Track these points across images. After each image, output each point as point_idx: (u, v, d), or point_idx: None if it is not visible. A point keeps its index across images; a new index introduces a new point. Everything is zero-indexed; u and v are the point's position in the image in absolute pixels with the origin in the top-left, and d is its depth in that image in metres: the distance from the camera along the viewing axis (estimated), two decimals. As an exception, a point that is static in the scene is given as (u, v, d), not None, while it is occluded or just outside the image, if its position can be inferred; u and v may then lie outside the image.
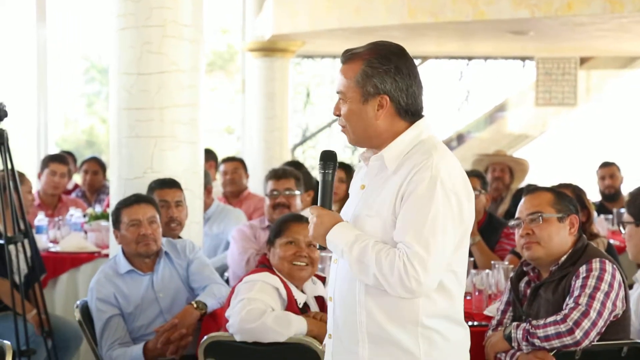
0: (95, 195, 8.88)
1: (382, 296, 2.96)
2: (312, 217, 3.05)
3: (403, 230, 2.90)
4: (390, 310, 2.97)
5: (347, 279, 3.03)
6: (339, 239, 2.98)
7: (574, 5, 8.58)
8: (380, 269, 2.89)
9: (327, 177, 3.09)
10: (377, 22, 10.01)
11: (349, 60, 3.05)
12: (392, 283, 2.88)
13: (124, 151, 5.58)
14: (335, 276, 3.10)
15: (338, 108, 3.06)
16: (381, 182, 3.02)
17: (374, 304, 2.98)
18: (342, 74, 3.06)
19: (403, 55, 3.04)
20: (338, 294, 3.08)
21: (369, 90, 3.00)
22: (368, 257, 2.91)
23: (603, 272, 3.96)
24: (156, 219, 5.03)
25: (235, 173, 8.02)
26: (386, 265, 2.88)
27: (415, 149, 3.00)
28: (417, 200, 2.89)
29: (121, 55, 5.57)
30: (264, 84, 12.11)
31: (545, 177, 11.82)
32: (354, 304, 3.01)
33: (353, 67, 3.03)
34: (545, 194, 4.20)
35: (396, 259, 2.87)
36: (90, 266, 6.43)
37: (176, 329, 4.78)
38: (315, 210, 3.06)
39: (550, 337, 3.87)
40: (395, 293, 2.90)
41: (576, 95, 14.89)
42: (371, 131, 3.03)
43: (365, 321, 3.00)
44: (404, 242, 2.88)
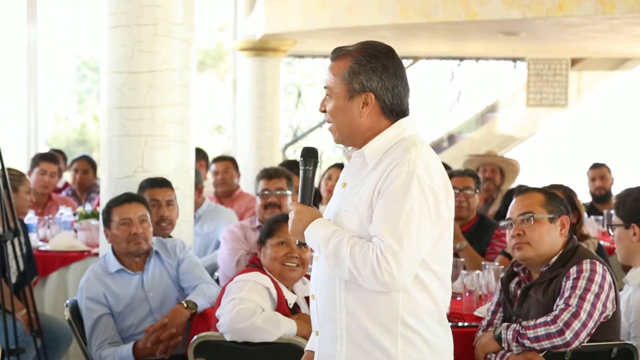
0: (86, 194, 8.86)
1: (361, 292, 2.97)
2: (291, 213, 3.08)
3: (378, 224, 2.92)
4: (370, 307, 2.98)
5: (327, 275, 3.05)
6: (315, 235, 3.00)
7: (565, 6, 8.59)
8: (354, 263, 2.90)
9: (307, 174, 3.12)
10: (369, 22, 10.01)
11: (338, 57, 3.07)
12: (365, 276, 2.89)
13: (115, 150, 5.57)
14: (316, 274, 3.12)
15: (324, 104, 3.09)
16: (361, 178, 3.05)
17: (353, 301, 2.99)
18: (330, 70, 3.08)
19: (391, 55, 3.06)
20: (319, 291, 3.09)
21: (355, 87, 3.02)
22: (343, 251, 2.93)
23: (593, 273, 3.96)
24: (147, 218, 5.02)
25: (227, 173, 8.00)
26: (359, 258, 2.90)
27: (395, 146, 3.02)
28: (393, 194, 2.91)
29: (112, 54, 5.56)
30: (255, 84, 12.10)
31: (536, 178, 11.84)
32: (333, 301, 3.03)
33: (341, 64, 3.05)
34: (537, 194, 4.21)
35: (369, 252, 2.88)
36: (80, 265, 6.42)
37: (166, 328, 4.77)
38: (294, 206, 3.08)
39: (540, 338, 3.88)
40: (369, 286, 2.92)
41: (567, 97, 14.92)
42: (355, 128, 3.05)
43: (345, 318, 3.01)
44: (378, 236, 2.90)
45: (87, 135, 23.31)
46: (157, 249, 5.08)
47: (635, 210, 4.29)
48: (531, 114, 15.35)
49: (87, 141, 23.02)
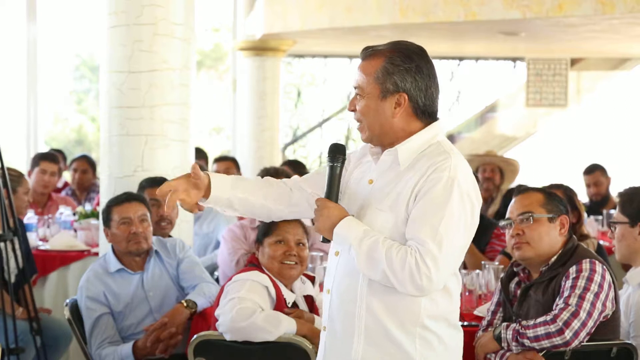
0: (85, 193, 8.87)
1: (385, 294, 2.97)
2: (318, 209, 3.03)
3: (417, 226, 2.91)
4: (392, 308, 2.98)
5: (349, 272, 3.03)
6: (347, 233, 2.96)
7: (565, 7, 8.59)
8: (390, 265, 2.89)
9: (335, 170, 3.08)
10: (369, 22, 10.02)
11: (370, 56, 3.04)
12: (402, 279, 2.89)
13: (115, 149, 5.57)
14: (335, 269, 3.10)
15: (353, 104, 3.06)
16: (392, 177, 3.03)
17: (375, 299, 2.99)
18: (360, 70, 3.05)
19: (424, 56, 3.07)
20: (337, 287, 3.08)
21: (389, 87, 3.01)
22: (378, 252, 2.91)
23: (593, 272, 3.96)
24: (147, 217, 5.02)
25: (228, 172, 7.99)
26: (397, 261, 2.89)
27: (431, 149, 3.02)
28: (434, 198, 2.91)
29: (112, 53, 5.56)
30: (255, 84, 12.11)
31: (536, 177, 11.85)
32: (354, 298, 3.02)
33: (373, 63, 3.03)
34: (536, 194, 4.20)
35: (408, 256, 2.88)
36: (80, 264, 6.41)
37: (166, 327, 4.77)
38: (321, 202, 3.04)
39: (540, 338, 3.88)
40: (403, 289, 2.91)
41: (567, 96, 14.93)
42: (387, 128, 3.03)
43: (365, 315, 3.00)
44: (417, 239, 2.90)
45: (86, 136, 23.31)
46: (157, 249, 5.08)
47: None
48: (531, 113, 15.36)
49: (86, 141, 23.02)
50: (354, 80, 3.07)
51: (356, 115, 3.06)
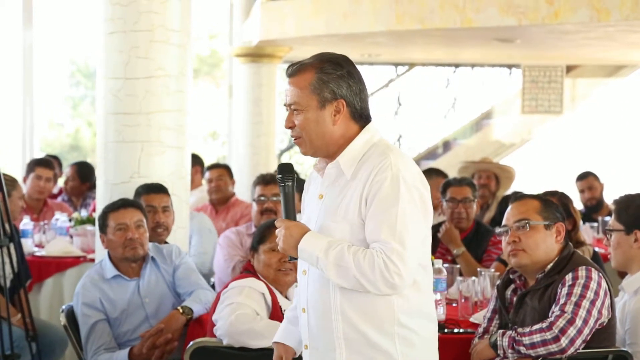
0: (81, 199, 8.87)
1: (359, 300, 3.02)
2: (279, 229, 3.09)
3: (376, 229, 2.98)
4: (367, 312, 3.03)
5: (320, 286, 3.09)
6: (312, 247, 3.02)
7: (560, 14, 8.61)
8: (360, 269, 2.95)
9: (287, 190, 3.15)
10: (364, 29, 10.04)
11: (299, 71, 3.12)
12: (374, 281, 2.94)
13: (111, 156, 5.57)
14: (306, 287, 3.15)
15: (291, 120, 3.12)
16: (340, 188, 3.09)
17: (349, 308, 3.04)
18: (293, 85, 3.12)
19: (351, 62, 3.16)
20: (311, 304, 3.13)
21: (326, 95, 3.08)
22: (345, 259, 2.97)
23: (589, 280, 3.97)
24: (143, 224, 5.02)
25: (221, 180, 7.99)
26: (366, 264, 2.95)
27: (370, 152, 3.09)
28: (384, 199, 2.98)
29: (108, 60, 5.56)
30: (250, 90, 12.12)
31: (531, 184, 11.86)
32: (328, 311, 3.07)
33: (305, 77, 3.10)
34: (532, 201, 4.21)
35: (375, 257, 2.94)
36: (76, 271, 6.40)
37: (162, 334, 4.77)
38: (281, 222, 3.10)
39: (536, 345, 3.88)
40: (377, 291, 2.97)
41: (562, 103, 14.95)
42: (328, 137, 3.10)
43: (342, 326, 3.05)
44: (378, 241, 2.96)
45: (81, 141, 23.29)
46: (153, 255, 5.08)
47: (638, 217, 4.29)
48: (526, 120, 15.38)
49: (81, 147, 23.00)
50: (288, 97, 3.13)
51: (294, 131, 3.12)
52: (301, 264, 3.18)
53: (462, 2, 9.12)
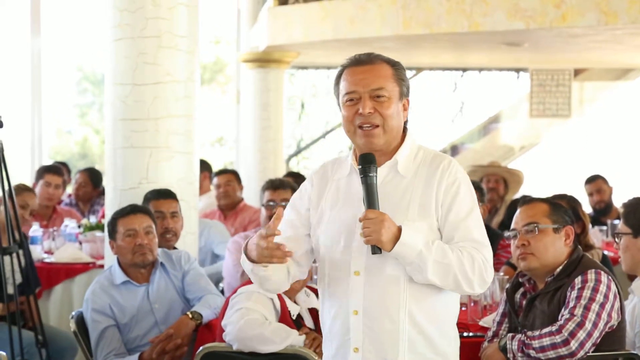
0: (89, 205, 8.89)
1: (425, 299, 3.02)
2: (373, 220, 2.92)
3: (467, 230, 3.00)
4: (431, 314, 3.04)
5: (385, 287, 3.02)
6: (414, 241, 2.93)
7: (568, 17, 8.61)
8: (461, 268, 2.95)
9: (372, 180, 3.00)
10: (372, 33, 10.04)
11: (375, 61, 3.06)
12: (471, 280, 2.96)
13: (119, 162, 5.58)
14: (360, 288, 3.03)
15: (372, 106, 3.02)
16: (399, 188, 3.05)
17: (416, 309, 3.02)
18: (374, 72, 3.04)
19: None
20: (371, 305, 3.03)
21: (403, 90, 3.07)
22: (448, 256, 2.95)
23: (598, 283, 3.96)
24: (152, 229, 5.03)
25: (229, 185, 8.00)
26: (467, 263, 2.95)
27: (421, 154, 3.09)
28: (464, 202, 3.02)
29: (116, 66, 5.57)
30: (258, 95, 12.14)
31: (540, 188, 11.84)
32: (395, 312, 3.01)
33: (383, 67, 3.06)
34: (541, 204, 4.21)
35: (475, 257, 2.97)
36: (85, 277, 6.41)
37: (171, 339, 4.77)
38: (376, 213, 2.93)
39: (546, 348, 3.87)
40: (470, 290, 2.99)
41: (570, 107, 14.93)
42: (397, 131, 3.08)
43: (408, 328, 3.02)
44: (473, 241, 2.99)
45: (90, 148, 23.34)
46: (162, 261, 5.08)
47: None
48: (534, 124, 15.36)
49: (89, 154, 23.05)
50: (373, 83, 3.02)
51: (374, 118, 3.02)
52: (354, 265, 3.04)
53: (470, 6, 9.12)
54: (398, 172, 3.06)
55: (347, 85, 3.06)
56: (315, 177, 3.21)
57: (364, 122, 3.02)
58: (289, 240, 3.11)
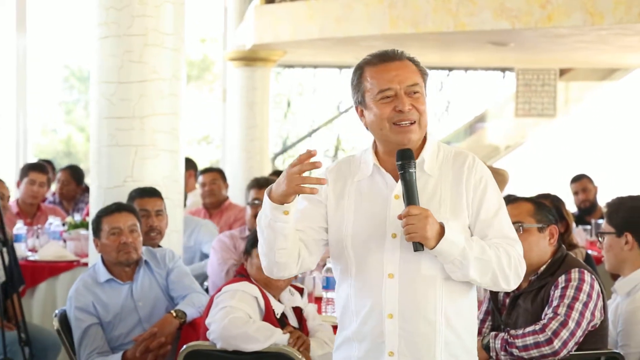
0: (73, 203, 8.87)
1: (459, 300, 3.02)
2: (416, 217, 2.87)
3: (500, 227, 3.01)
4: (463, 314, 3.04)
5: (421, 289, 2.98)
6: (457, 238, 2.91)
7: (554, 17, 8.63)
8: (499, 264, 2.95)
9: (412, 176, 2.94)
10: (358, 32, 10.04)
11: (402, 57, 3.05)
12: (508, 275, 2.97)
13: (104, 160, 5.57)
14: (395, 291, 2.98)
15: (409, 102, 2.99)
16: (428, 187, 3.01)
17: (451, 310, 3.00)
18: (407, 68, 3.02)
19: None
20: (408, 308, 2.98)
21: (426, 87, 3.08)
22: (487, 253, 2.94)
23: (582, 282, 3.98)
24: (137, 228, 5.02)
25: (214, 184, 7.99)
26: (504, 259, 2.96)
27: (442, 151, 3.08)
28: (493, 199, 3.03)
29: (102, 64, 5.56)
30: (244, 93, 12.13)
31: (525, 187, 11.88)
32: (432, 314, 2.98)
33: (411, 64, 3.05)
34: (526, 204, 4.22)
35: (511, 253, 2.98)
36: (69, 275, 6.40)
37: (155, 337, 4.77)
38: (419, 209, 2.88)
39: (529, 347, 3.89)
40: (506, 286, 3.00)
41: (555, 107, 14.97)
42: (426, 127, 3.07)
43: (444, 330, 2.99)
44: (507, 238, 3.01)
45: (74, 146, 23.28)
46: (146, 259, 5.07)
47: (629, 219, 4.30)
48: (520, 124, 15.40)
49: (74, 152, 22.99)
50: (408, 79, 3.00)
51: (412, 114, 2.99)
52: (387, 267, 2.98)
53: (456, 6, 9.14)
54: (424, 171, 3.02)
55: (380, 82, 3.00)
56: (330, 175, 3.11)
57: (402, 118, 2.98)
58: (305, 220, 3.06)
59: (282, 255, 3.01)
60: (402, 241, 2.96)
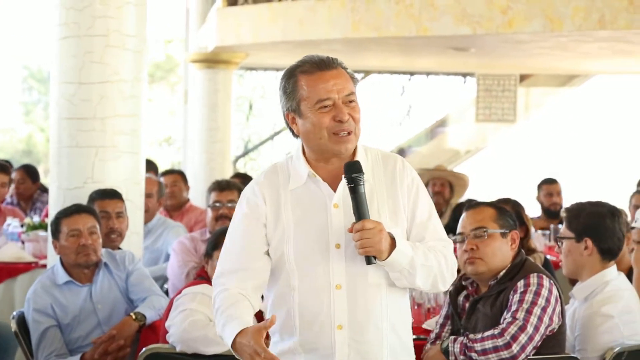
0: (31, 203, 8.79)
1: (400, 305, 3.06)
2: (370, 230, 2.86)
3: (434, 229, 3.06)
4: (403, 318, 3.09)
5: (370, 299, 2.99)
6: (406, 249, 2.94)
7: (514, 23, 8.70)
8: (439, 268, 3.00)
9: (362, 189, 2.92)
10: (321, 36, 10.06)
11: (337, 65, 3.02)
12: (446, 278, 3.03)
13: (64, 161, 5.53)
14: (343, 302, 2.97)
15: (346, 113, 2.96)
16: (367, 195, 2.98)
17: (394, 316, 3.04)
18: (342, 77, 2.99)
19: None
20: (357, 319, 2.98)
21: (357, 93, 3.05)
22: (430, 258, 2.98)
23: (540, 287, 4.00)
24: (96, 230, 4.99)
25: (175, 186, 7.95)
26: (443, 262, 3.01)
27: (370, 154, 3.08)
28: (426, 200, 3.07)
29: (62, 64, 5.53)
30: (206, 96, 12.10)
31: (485, 192, 11.95)
32: (379, 322, 3.00)
33: (346, 73, 3.03)
34: (488, 209, 4.24)
35: (447, 255, 3.03)
36: (28, 277, 6.34)
37: (114, 340, 4.74)
38: (373, 223, 2.88)
39: (488, 351, 3.91)
40: (443, 288, 3.06)
41: (515, 112, 15.08)
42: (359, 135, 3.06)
43: (390, 336, 3.03)
44: (443, 240, 3.05)
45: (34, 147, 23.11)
46: (106, 261, 5.04)
47: (589, 224, 4.33)
48: (480, 128, 15.49)
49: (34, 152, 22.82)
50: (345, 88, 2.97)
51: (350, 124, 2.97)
52: (334, 278, 2.97)
53: (418, 10, 9.18)
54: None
55: (318, 91, 2.96)
56: (264, 190, 3.06)
57: (342, 129, 2.96)
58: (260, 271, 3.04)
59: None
60: (346, 251, 2.95)
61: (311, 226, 3.00)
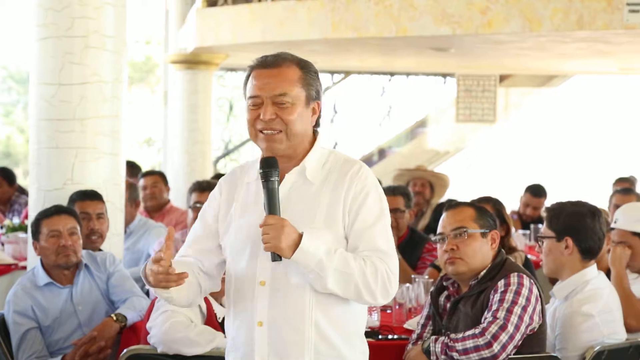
0: (9, 206, 8.75)
1: (332, 309, 2.97)
2: (272, 226, 2.87)
3: (372, 239, 2.94)
4: (338, 324, 2.99)
5: (292, 297, 2.95)
6: (314, 249, 2.87)
7: (494, 24, 8.73)
8: (363, 278, 2.89)
9: (273, 185, 2.94)
10: (301, 36, 10.06)
11: (281, 63, 2.99)
12: (374, 290, 2.91)
13: (44, 162, 5.51)
14: (265, 299, 2.97)
15: (273, 112, 2.95)
16: (306, 195, 2.99)
17: (323, 319, 2.96)
18: (278, 76, 2.96)
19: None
20: (277, 316, 2.96)
21: (312, 94, 3.00)
22: (350, 266, 2.89)
23: (521, 286, 4.02)
24: (77, 231, 4.97)
25: (155, 187, 7.94)
26: (369, 273, 2.90)
27: (331, 159, 3.04)
28: (372, 210, 2.96)
29: (41, 65, 5.50)
30: (186, 97, 12.09)
31: (465, 192, 11.98)
32: (301, 323, 2.95)
33: (290, 70, 2.98)
34: (468, 209, 4.25)
35: (378, 267, 2.91)
36: (7, 278, 6.32)
37: (95, 341, 4.72)
38: (276, 219, 2.87)
39: (469, 351, 3.92)
40: (372, 301, 2.94)
41: (495, 112, 15.13)
42: (303, 137, 3.01)
43: (314, 338, 2.96)
44: (378, 251, 2.93)
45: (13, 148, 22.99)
46: (86, 262, 5.03)
47: (570, 224, 4.35)
48: (460, 129, 15.54)
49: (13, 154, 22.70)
50: (277, 88, 2.95)
51: (275, 124, 2.95)
52: (260, 274, 2.97)
53: (397, 11, 9.19)
54: (307, 178, 3.00)
55: (252, 88, 2.99)
56: (224, 183, 3.13)
57: (265, 127, 2.96)
58: (199, 252, 3.09)
59: (183, 301, 3.06)
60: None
61: (247, 221, 3.02)
